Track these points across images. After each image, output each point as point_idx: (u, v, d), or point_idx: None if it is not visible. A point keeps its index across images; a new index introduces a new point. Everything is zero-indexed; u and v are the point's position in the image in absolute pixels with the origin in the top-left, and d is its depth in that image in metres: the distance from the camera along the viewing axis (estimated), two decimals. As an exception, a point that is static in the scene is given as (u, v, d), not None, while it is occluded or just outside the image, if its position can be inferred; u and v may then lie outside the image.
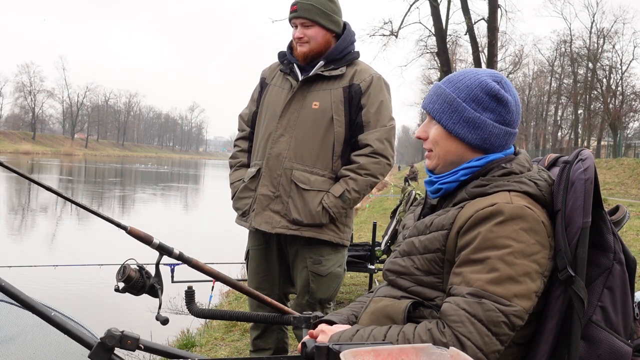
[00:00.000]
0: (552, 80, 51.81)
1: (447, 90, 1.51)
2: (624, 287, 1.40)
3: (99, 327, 1.40)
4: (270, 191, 2.67)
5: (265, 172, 2.69)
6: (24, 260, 6.41)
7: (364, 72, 2.70)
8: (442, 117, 1.50)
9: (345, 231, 2.73)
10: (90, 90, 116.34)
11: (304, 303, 2.72)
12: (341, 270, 2.77)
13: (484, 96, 1.49)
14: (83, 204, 1.51)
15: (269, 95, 2.80)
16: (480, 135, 1.49)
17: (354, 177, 2.62)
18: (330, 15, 2.68)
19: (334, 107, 2.64)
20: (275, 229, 2.64)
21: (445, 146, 1.52)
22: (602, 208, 1.40)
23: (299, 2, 2.65)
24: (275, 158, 2.67)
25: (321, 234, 2.64)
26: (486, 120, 1.49)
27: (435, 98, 1.53)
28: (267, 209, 2.67)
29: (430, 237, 1.45)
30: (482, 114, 1.48)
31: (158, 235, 1.52)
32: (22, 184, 24.90)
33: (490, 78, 1.51)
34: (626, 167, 24.99)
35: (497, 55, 21.32)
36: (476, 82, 1.50)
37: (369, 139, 2.64)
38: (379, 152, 2.64)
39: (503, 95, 1.49)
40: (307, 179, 2.63)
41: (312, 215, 2.60)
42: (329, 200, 2.61)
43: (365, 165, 2.63)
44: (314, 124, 2.64)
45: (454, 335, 1.29)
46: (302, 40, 2.66)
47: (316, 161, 2.65)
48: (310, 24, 2.65)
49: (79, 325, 1.42)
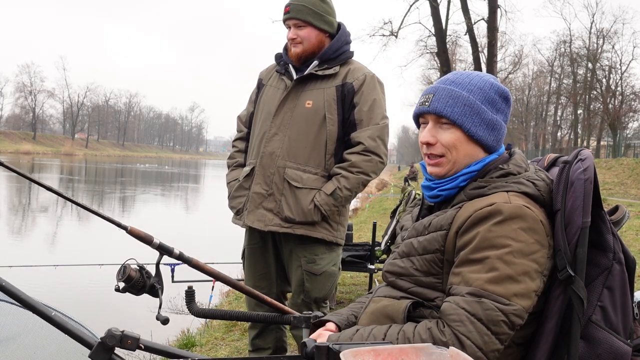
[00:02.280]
0: (552, 81, 51.72)
1: (463, 92, 1.47)
2: (623, 287, 1.40)
3: (99, 327, 1.39)
4: (263, 189, 2.68)
5: (259, 171, 2.70)
6: (24, 260, 6.41)
7: (357, 71, 2.71)
8: (465, 121, 1.45)
9: (339, 229, 2.73)
10: (90, 90, 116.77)
11: (300, 302, 2.72)
12: (336, 269, 2.77)
13: (497, 97, 1.49)
14: (83, 204, 1.51)
15: (264, 95, 2.82)
16: (496, 136, 1.49)
17: (345, 175, 2.62)
18: (323, 15, 2.68)
19: (327, 105, 2.65)
20: (268, 226, 2.65)
21: (464, 150, 1.48)
22: (602, 208, 1.40)
23: (291, 3, 2.67)
24: (268, 156, 2.68)
25: (314, 231, 2.64)
26: (501, 121, 1.49)
27: (452, 102, 1.46)
28: (260, 207, 2.68)
29: (429, 238, 1.45)
30: (497, 115, 1.49)
31: (158, 235, 1.52)
32: (22, 183, 24.90)
33: (493, 79, 1.52)
34: (626, 167, 24.98)
35: (497, 56, 21.33)
36: (487, 84, 1.49)
37: (361, 137, 2.64)
38: (371, 149, 2.64)
39: (509, 96, 1.51)
40: (300, 177, 2.64)
41: (304, 213, 2.61)
42: (320, 198, 2.61)
43: (357, 163, 2.63)
44: (307, 123, 2.65)
45: (453, 334, 1.29)
46: (296, 41, 2.68)
47: (309, 159, 2.66)
48: (303, 24, 2.66)
49: (79, 325, 1.42)
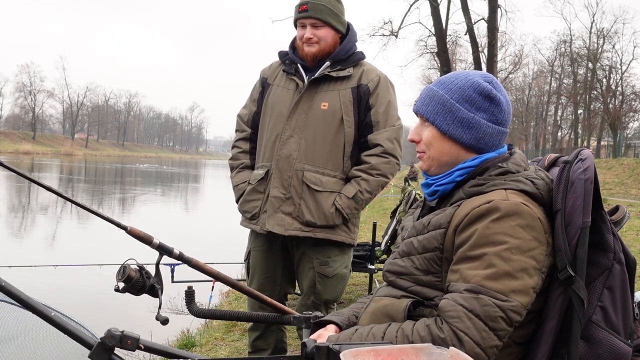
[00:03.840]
0: (552, 80, 51.73)
1: (440, 91, 1.52)
2: (623, 287, 1.40)
3: (99, 327, 1.39)
4: (281, 193, 2.64)
5: (275, 174, 2.66)
6: (24, 260, 6.40)
7: (371, 73, 2.70)
8: (436, 119, 1.51)
9: (354, 231, 2.73)
10: (90, 90, 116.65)
11: (309, 304, 2.71)
12: (347, 272, 2.76)
13: (476, 96, 1.49)
14: (83, 204, 1.50)
15: (272, 95, 2.76)
16: (474, 135, 1.49)
17: (365, 178, 2.62)
18: (339, 15, 2.67)
19: (344, 107, 2.63)
20: (288, 231, 2.62)
21: (439, 147, 1.52)
22: (602, 208, 1.40)
23: (310, 2, 2.61)
24: (285, 159, 2.64)
25: (334, 235, 2.63)
26: (480, 120, 1.49)
27: (428, 100, 1.53)
28: (278, 211, 2.64)
29: (428, 237, 1.45)
30: (476, 113, 1.49)
31: (158, 235, 1.51)
32: (22, 183, 24.90)
33: (481, 79, 1.52)
34: (626, 167, 24.98)
35: (497, 55, 21.31)
36: (468, 83, 1.50)
37: (379, 139, 2.64)
38: (389, 151, 2.64)
39: (495, 95, 1.50)
40: (319, 180, 2.62)
41: (325, 216, 2.59)
42: (341, 201, 2.60)
43: (376, 166, 2.62)
44: (323, 125, 2.63)
45: (451, 331, 1.29)
46: (312, 40, 2.64)
47: (327, 162, 2.63)
48: (322, 24, 2.63)
49: (79, 325, 1.42)
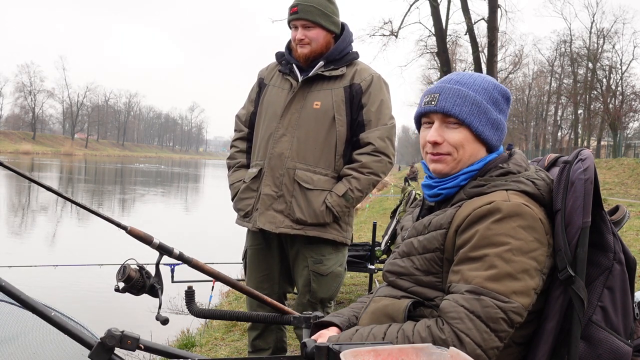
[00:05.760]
0: (552, 80, 51.74)
1: (470, 92, 1.47)
2: (623, 287, 1.40)
3: (99, 327, 1.39)
4: (272, 191, 2.67)
5: (268, 172, 2.69)
6: (24, 260, 6.40)
7: (364, 72, 2.72)
8: (472, 120, 1.46)
9: (347, 230, 2.74)
10: (90, 90, 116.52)
11: (305, 302, 2.72)
12: (342, 270, 2.77)
13: (500, 98, 1.51)
14: (83, 204, 1.51)
15: (268, 95, 2.80)
16: (499, 136, 1.51)
17: (356, 176, 2.63)
18: (330, 16, 2.68)
19: (336, 106, 2.65)
20: (278, 228, 2.64)
21: (470, 149, 1.49)
22: (602, 208, 1.40)
23: (300, 3, 2.65)
24: (277, 158, 2.67)
25: (325, 233, 2.65)
26: (504, 121, 1.52)
27: (460, 101, 1.46)
28: (270, 209, 2.66)
29: (428, 237, 1.45)
30: (500, 115, 1.51)
31: (158, 235, 1.52)
32: (22, 183, 24.90)
33: (494, 80, 1.54)
34: (626, 167, 24.97)
35: (497, 55, 21.32)
36: (490, 84, 1.51)
37: (370, 138, 2.65)
38: (381, 150, 2.65)
39: (510, 96, 1.52)
40: (310, 179, 2.64)
41: (315, 214, 2.61)
42: (332, 199, 2.61)
43: (367, 164, 2.64)
44: (315, 124, 2.65)
45: (452, 332, 1.29)
46: (304, 42, 2.67)
47: (319, 161, 2.66)
48: (312, 25, 2.65)
49: (79, 325, 1.42)
